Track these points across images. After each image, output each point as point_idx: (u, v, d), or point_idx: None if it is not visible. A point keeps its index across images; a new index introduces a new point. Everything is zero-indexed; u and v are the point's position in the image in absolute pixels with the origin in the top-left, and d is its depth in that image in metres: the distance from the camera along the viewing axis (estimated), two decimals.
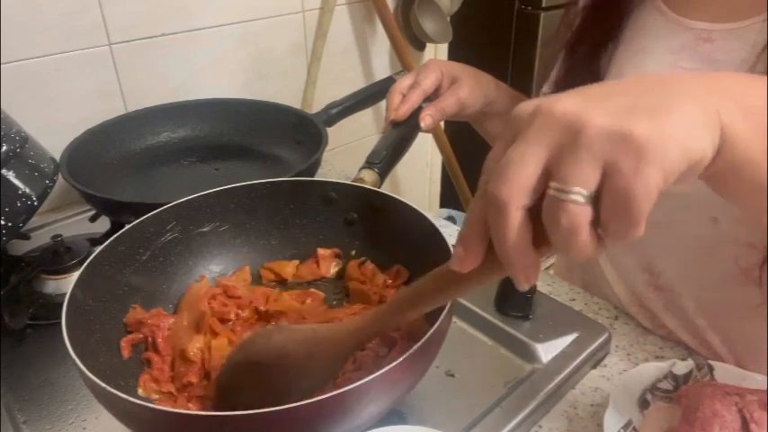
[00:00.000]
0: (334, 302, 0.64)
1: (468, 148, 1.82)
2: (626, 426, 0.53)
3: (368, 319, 0.45)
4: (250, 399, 0.42)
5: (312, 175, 0.82)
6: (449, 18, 1.44)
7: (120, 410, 0.44)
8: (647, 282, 0.66)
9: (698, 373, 0.56)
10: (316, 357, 0.46)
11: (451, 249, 0.53)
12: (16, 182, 0.64)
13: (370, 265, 0.64)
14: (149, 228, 0.59)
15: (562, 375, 0.58)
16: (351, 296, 0.64)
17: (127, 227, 0.57)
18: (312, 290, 0.64)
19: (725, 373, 0.55)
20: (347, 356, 0.48)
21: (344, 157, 1.33)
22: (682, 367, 0.56)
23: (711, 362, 0.56)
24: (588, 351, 0.61)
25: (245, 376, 0.48)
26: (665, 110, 0.31)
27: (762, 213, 0.37)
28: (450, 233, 0.87)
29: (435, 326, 0.45)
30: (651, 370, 0.56)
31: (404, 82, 0.75)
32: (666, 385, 0.56)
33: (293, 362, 0.46)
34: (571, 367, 0.59)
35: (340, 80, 1.28)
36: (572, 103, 0.31)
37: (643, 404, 0.55)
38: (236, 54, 1.12)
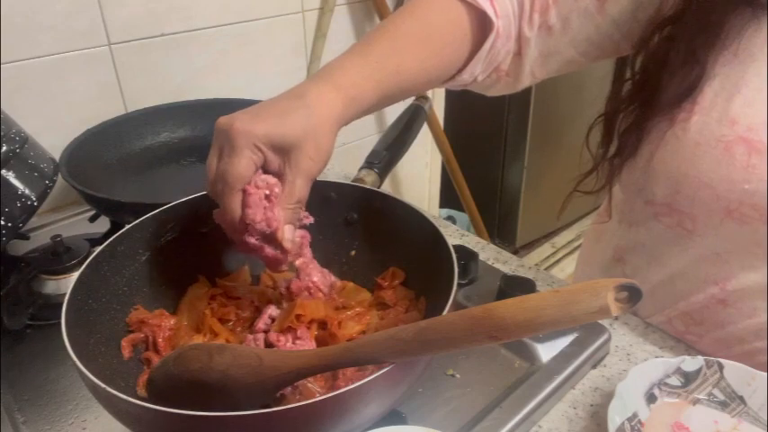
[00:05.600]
0: None
1: (468, 149, 1.82)
2: (631, 418, 0.53)
3: (316, 357, 0.45)
4: (186, 408, 0.41)
5: None
6: None
7: (120, 411, 0.44)
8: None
9: (707, 370, 0.56)
10: (260, 384, 0.45)
11: (451, 250, 0.53)
12: (16, 182, 0.64)
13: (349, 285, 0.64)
14: (149, 228, 0.59)
15: (562, 375, 0.58)
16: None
17: (127, 227, 0.57)
18: None
19: (735, 371, 0.56)
20: (289, 385, 0.48)
21: (344, 157, 1.33)
22: (691, 364, 0.56)
23: (721, 360, 0.56)
24: (588, 351, 0.61)
25: (181, 389, 0.46)
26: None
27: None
28: (450, 233, 0.87)
29: None
30: (660, 365, 0.56)
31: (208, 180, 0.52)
32: (675, 381, 0.56)
33: (235, 384, 0.45)
34: (571, 367, 0.59)
35: None
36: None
37: (650, 398, 0.55)
38: (236, 54, 1.12)
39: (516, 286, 0.65)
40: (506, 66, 0.68)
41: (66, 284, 0.67)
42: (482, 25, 0.63)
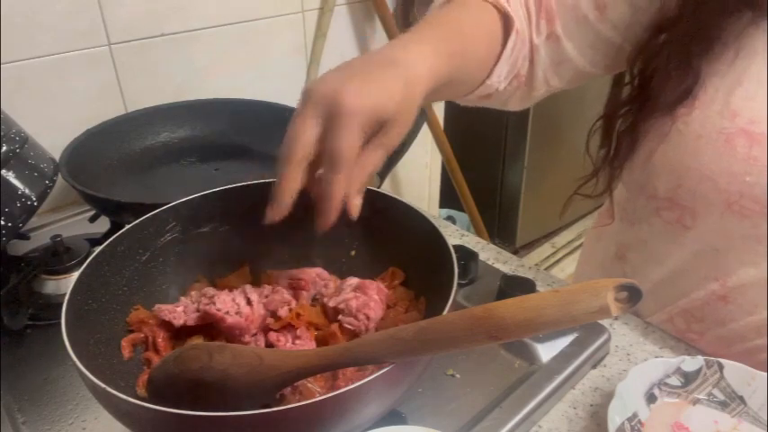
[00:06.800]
0: None
1: (468, 149, 1.82)
2: (631, 418, 0.53)
3: (316, 357, 0.45)
4: (186, 408, 0.41)
5: None
6: None
7: (120, 411, 0.44)
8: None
9: (707, 370, 0.56)
10: (260, 384, 0.45)
11: (451, 250, 0.53)
12: (16, 182, 0.64)
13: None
14: (149, 228, 0.59)
15: (562, 375, 0.58)
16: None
17: (127, 227, 0.57)
18: None
19: (734, 371, 0.56)
20: (290, 384, 0.48)
21: None
22: (691, 364, 0.57)
23: (721, 360, 0.56)
24: (588, 351, 0.61)
25: (181, 389, 0.46)
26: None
27: None
28: (450, 233, 0.87)
29: None
30: (660, 365, 0.57)
31: (298, 149, 0.47)
32: (675, 381, 0.56)
33: (235, 384, 0.45)
34: (571, 367, 0.59)
35: None
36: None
37: (650, 398, 0.55)
38: (236, 54, 1.12)
39: (516, 286, 0.65)
40: (524, 71, 0.68)
41: (66, 284, 0.67)
42: (505, 26, 0.64)
